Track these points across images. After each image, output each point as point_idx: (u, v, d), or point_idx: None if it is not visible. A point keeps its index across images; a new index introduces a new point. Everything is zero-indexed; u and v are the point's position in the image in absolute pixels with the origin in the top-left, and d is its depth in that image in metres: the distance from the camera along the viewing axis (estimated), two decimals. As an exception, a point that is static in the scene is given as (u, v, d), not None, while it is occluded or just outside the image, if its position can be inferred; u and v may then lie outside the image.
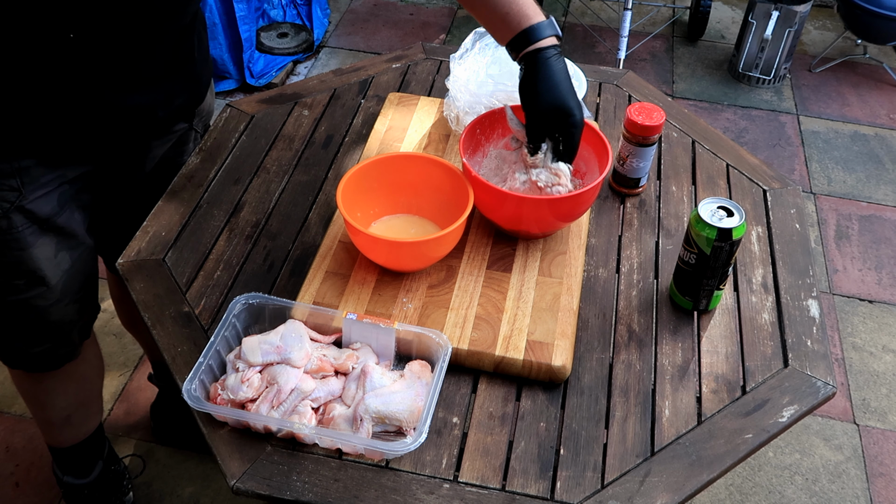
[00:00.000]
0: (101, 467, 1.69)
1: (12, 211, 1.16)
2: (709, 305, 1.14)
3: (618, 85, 1.57)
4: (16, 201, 1.16)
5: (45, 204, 1.19)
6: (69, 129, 1.15)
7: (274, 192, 1.31)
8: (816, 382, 1.06)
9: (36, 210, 1.19)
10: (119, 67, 1.12)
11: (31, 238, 1.20)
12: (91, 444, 1.64)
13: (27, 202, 1.17)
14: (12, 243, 1.19)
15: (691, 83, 3.11)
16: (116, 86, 1.14)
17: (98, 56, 1.08)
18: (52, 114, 1.12)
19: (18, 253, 1.20)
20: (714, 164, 1.40)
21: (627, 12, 2.78)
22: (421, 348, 1.04)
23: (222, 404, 0.97)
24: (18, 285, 1.24)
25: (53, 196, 1.20)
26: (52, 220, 1.22)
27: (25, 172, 1.15)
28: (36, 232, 1.20)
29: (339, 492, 0.93)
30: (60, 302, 1.30)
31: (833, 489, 1.88)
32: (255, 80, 2.94)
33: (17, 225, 1.18)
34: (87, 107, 1.14)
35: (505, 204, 1.13)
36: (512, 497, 0.93)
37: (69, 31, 1.02)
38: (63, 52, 1.05)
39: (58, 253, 1.25)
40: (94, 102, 1.14)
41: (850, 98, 3.07)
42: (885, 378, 2.12)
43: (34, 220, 1.19)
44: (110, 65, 1.11)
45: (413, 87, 1.55)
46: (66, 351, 1.41)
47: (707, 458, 0.98)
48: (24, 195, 1.16)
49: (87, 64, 1.08)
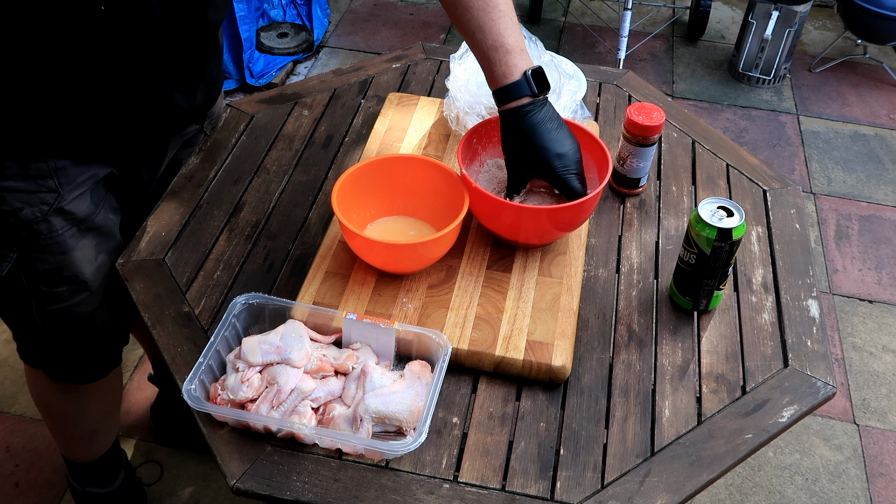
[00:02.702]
0: (124, 475, 1.69)
1: (52, 213, 1.14)
2: (709, 305, 1.14)
3: (618, 85, 1.57)
4: (55, 203, 1.13)
5: (81, 203, 1.17)
6: (95, 116, 1.13)
7: (274, 192, 1.31)
8: (816, 382, 1.06)
9: (75, 210, 1.16)
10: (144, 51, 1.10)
11: (71, 241, 1.18)
12: (113, 454, 1.64)
13: (66, 203, 1.15)
14: (54, 247, 1.17)
15: (691, 83, 3.11)
16: (140, 70, 1.12)
17: (124, 35, 1.06)
18: (79, 99, 1.10)
19: (60, 257, 1.18)
20: (714, 164, 1.40)
21: (627, 12, 2.78)
22: (421, 348, 1.04)
23: (222, 404, 0.98)
24: (61, 293, 1.21)
25: (87, 195, 1.18)
26: (91, 219, 1.19)
27: (62, 172, 1.13)
28: (76, 234, 1.18)
29: (339, 492, 0.93)
30: (103, 306, 1.28)
31: (833, 489, 1.88)
32: (255, 80, 2.94)
33: (58, 228, 1.15)
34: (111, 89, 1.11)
35: (503, 214, 1.12)
36: (512, 497, 0.93)
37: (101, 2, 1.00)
38: (93, 25, 1.02)
39: (97, 255, 1.22)
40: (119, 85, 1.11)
41: (850, 98, 3.07)
42: (885, 378, 2.12)
43: (74, 220, 1.17)
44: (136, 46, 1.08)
45: (413, 87, 1.55)
46: (110, 357, 1.39)
47: (707, 458, 0.98)
48: (63, 196, 1.14)
49: (113, 43, 1.06)
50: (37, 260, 1.17)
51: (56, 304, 1.23)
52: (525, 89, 1.07)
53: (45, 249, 1.16)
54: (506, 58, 1.07)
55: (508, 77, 1.07)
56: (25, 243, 1.15)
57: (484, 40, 1.08)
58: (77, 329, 1.28)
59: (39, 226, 1.14)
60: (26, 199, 1.12)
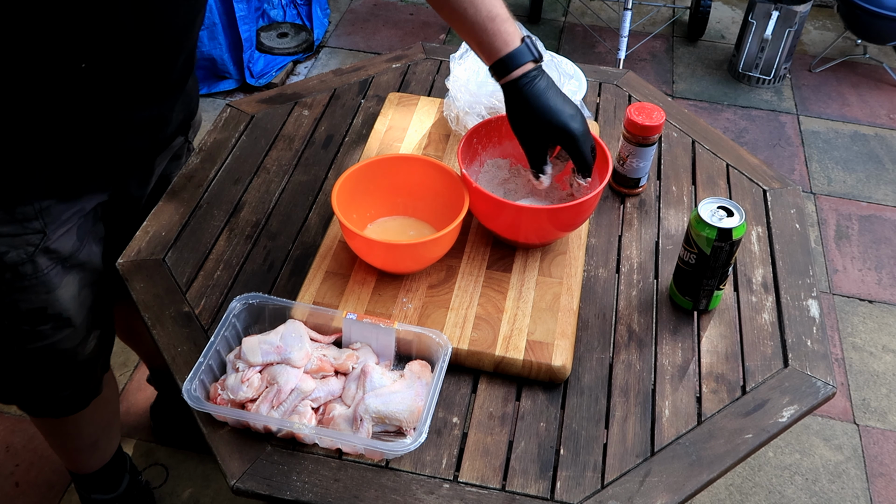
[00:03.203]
0: (129, 479, 1.69)
1: (37, 253, 1.13)
2: (709, 305, 1.14)
3: (618, 85, 1.57)
4: (40, 243, 1.13)
5: (67, 241, 1.17)
6: (83, 154, 1.12)
7: (274, 192, 1.31)
8: (816, 382, 1.06)
9: (60, 248, 1.16)
10: (127, 90, 1.10)
11: (56, 279, 1.17)
12: (116, 460, 1.64)
13: (51, 242, 1.14)
14: (39, 287, 1.16)
15: (691, 83, 3.11)
16: (124, 105, 1.12)
17: (107, 81, 1.06)
18: (65, 141, 1.09)
19: (45, 296, 1.17)
20: (714, 164, 1.40)
21: (627, 12, 2.78)
22: (421, 348, 1.04)
23: (222, 404, 0.97)
24: (44, 331, 1.21)
25: (73, 231, 1.17)
26: (75, 256, 1.19)
27: (47, 212, 1.12)
28: (60, 272, 1.17)
29: (339, 492, 0.93)
30: (86, 339, 1.28)
31: (833, 489, 1.88)
32: (255, 80, 2.94)
33: (43, 267, 1.15)
34: (97, 128, 1.11)
35: (503, 214, 1.12)
36: (512, 497, 0.93)
37: (81, 61, 1.00)
38: (75, 81, 1.02)
39: (81, 290, 1.22)
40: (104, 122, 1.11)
41: (850, 98, 3.07)
42: (885, 378, 2.12)
43: (58, 259, 1.16)
44: (119, 88, 1.09)
45: (413, 87, 1.55)
46: (92, 387, 1.39)
47: (707, 458, 0.98)
48: (48, 235, 1.13)
49: (96, 90, 1.06)
50: (20, 301, 1.16)
51: (39, 342, 1.22)
52: (528, 54, 1.06)
53: (28, 290, 1.16)
54: (503, 26, 1.05)
55: (510, 44, 1.05)
56: (9, 285, 1.14)
57: (478, 13, 1.05)
58: (59, 365, 1.28)
59: (24, 267, 1.13)
60: (11, 242, 1.11)
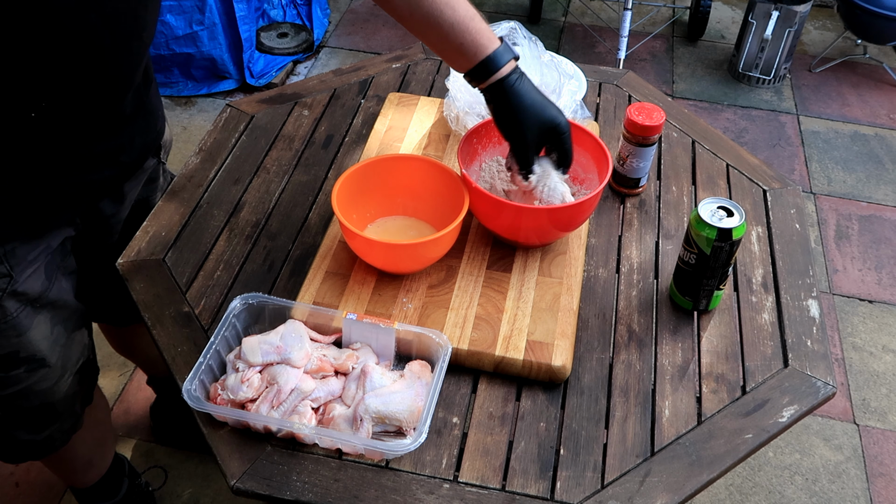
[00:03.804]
0: (127, 484, 1.68)
1: (5, 298, 1.09)
2: (709, 305, 1.14)
3: (618, 85, 1.57)
4: (7, 287, 1.09)
5: (34, 281, 1.12)
6: (44, 193, 1.08)
7: (274, 192, 1.31)
8: (816, 382, 1.06)
9: (28, 290, 1.12)
10: (79, 128, 1.05)
11: (26, 321, 1.13)
12: (112, 470, 1.62)
13: (19, 285, 1.10)
14: (9, 332, 1.12)
15: (691, 83, 3.11)
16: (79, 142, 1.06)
17: (59, 124, 1.01)
18: (24, 183, 1.05)
19: (16, 340, 1.13)
20: (714, 164, 1.40)
21: (627, 12, 2.78)
22: (421, 348, 1.04)
23: (222, 404, 0.97)
24: (17, 375, 1.16)
25: (41, 271, 1.13)
26: (45, 295, 1.15)
27: (11, 254, 1.08)
28: (30, 313, 1.13)
29: (339, 492, 0.93)
30: (62, 378, 1.24)
31: (833, 489, 1.88)
32: (255, 80, 2.94)
33: (12, 311, 1.11)
34: (54, 166, 1.06)
35: (503, 214, 1.12)
36: (512, 497, 0.93)
37: (31, 110, 0.96)
38: (26, 128, 0.98)
39: (53, 328, 1.18)
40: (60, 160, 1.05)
41: (850, 98, 3.07)
42: (885, 378, 2.12)
43: (27, 301, 1.12)
44: (71, 128, 1.03)
45: (413, 87, 1.55)
46: (70, 425, 1.33)
47: (707, 458, 0.98)
48: (14, 278, 1.09)
49: (49, 133, 1.01)
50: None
51: (13, 388, 1.18)
52: (510, 52, 1.05)
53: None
54: (482, 24, 1.04)
55: (493, 41, 1.04)
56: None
57: (456, 13, 1.03)
58: (36, 407, 1.23)
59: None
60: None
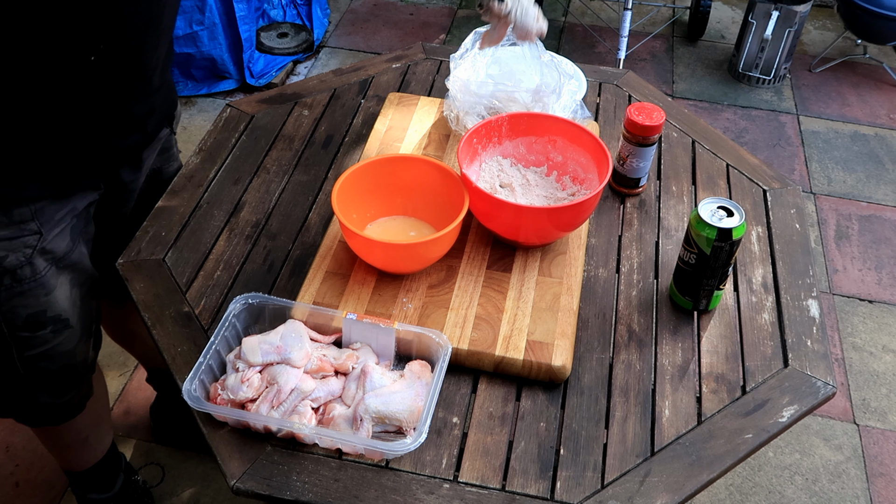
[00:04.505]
0: (123, 479, 1.68)
1: (34, 255, 1.13)
2: (709, 305, 1.14)
3: (618, 85, 1.57)
4: (37, 244, 1.13)
5: (61, 240, 1.17)
6: (79, 151, 1.13)
7: (274, 192, 1.31)
8: (816, 382, 1.06)
9: (55, 248, 1.16)
10: (125, 82, 1.11)
11: (52, 280, 1.17)
12: (109, 459, 1.63)
13: (47, 242, 1.14)
14: (38, 290, 1.16)
15: (691, 83, 3.11)
16: (122, 98, 1.12)
17: (110, 74, 1.07)
18: (63, 138, 1.10)
19: (44, 299, 1.17)
20: (714, 164, 1.40)
21: (627, 12, 2.78)
22: (421, 348, 1.04)
23: (222, 404, 0.97)
24: (44, 336, 1.20)
25: (66, 231, 1.17)
26: (68, 256, 1.19)
27: (41, 212, 1.12)
28: (55, 273, 1.18)
29: (339, 492, 0.93)
30: (81, 340, 1.27)
31: (833, 489, 1.88)
32: (255, 80, 2.94)
33: (40, 269, 1.15)
34: (95, 123, 1.11)
35: (503, 213, 1.13)
36: (512, 497, 0.93)
37: (90, 53, 1.01)
38: (82, 74, 1.03)
39: (72, 290, 1.22)
40: (102, 117, 1.12)
41: (850, 98, 3.07)
42: (885, 378, 2.12)
43: (53, 260, 1.16)
44: (118, 81, 1.09)
45: (413, 87, 1.55)
46: (86, 390, 1.39)
47: (707, 458, 0.98)
48: (44, 236, 1.13)
49: (100, 83, 1.06)
50: (20, 306, 1.16)
51: (38, 348, 1.21)
52: None
53: (27, 294, 1.15)
54: None
55: None
56: (8, 290, 1.14)
57: None
58: (58, 369, 1.27)
59: (23, 270, 1.13)
60: (9, 245, 1.11)
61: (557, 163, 1.25)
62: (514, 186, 1.22)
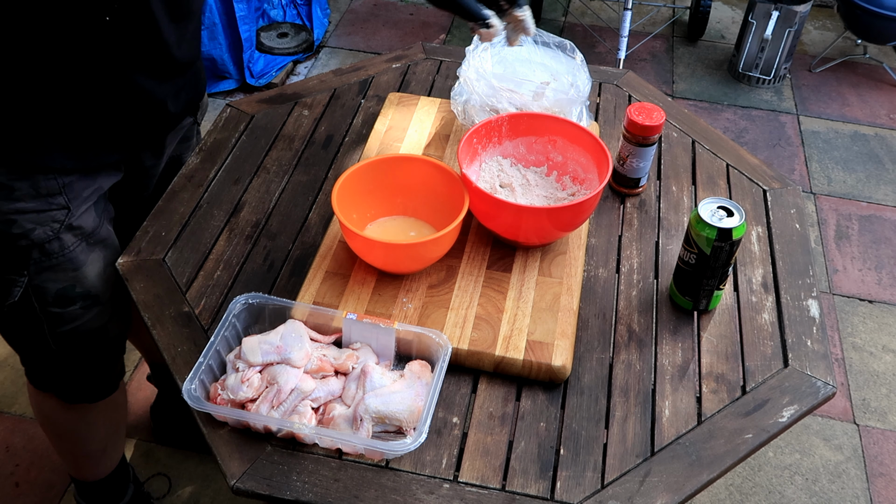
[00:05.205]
0: (133, 490, 1.68)
1: (62, 230, 1.14)
2: (709, 305, 1.14)
3: (618, 85, 1.57)
4: (65, 220, 1.14)
5: (88, 217, 1.18)
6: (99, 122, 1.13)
7: (274, 192, 1.31)
8: (816, 382, 1.06)
9: (84, 224, 1.17)
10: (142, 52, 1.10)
11: (82, 256, 1.18)
12: (121, 469, 1.63)
13: (75, 219, 1.15)
14: (66, 265, 1.17)
15: (691, 83, 3.11)
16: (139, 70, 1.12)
17: (125, 40, 1.07)
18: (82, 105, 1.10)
19: (73, 274, 1.18)
20: (714, 164, 1.40)
21: (627, 12, 2.78)
22: (421, 348, 1.04)
23: (222, 404, 0.97)
24: (74, 312, 1.21)
25: (93, 209, 1.18)
26: (97, 232, 1.20)
27: (70, 188, 1.13)
28: (85, 248, 1.18)
29: (339, 492, 0.93)
30: (113, 318, 1.29)
31: (833, 489, 1.88)
32: (255, 80, 2.94)
33: (69, 244, 1.16)
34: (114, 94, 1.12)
35: (503, 213, 1.13)
36: (512, 497, 0.93)
37: (105, 13, 1.01)
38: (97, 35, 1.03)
39: (105, 268, 1.23)
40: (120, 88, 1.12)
41: (850, 98, 3.07)
42: (885, 378, 2.12)
43: (82, 235, 1.17)
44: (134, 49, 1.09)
45: (413, 87, 1.55)
46: (119, 369, 1.40)
47: (707, 458, 0.98)
48: (72, 211, 1.14)
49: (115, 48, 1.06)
50: (49, 280, 1.17)
51: (69, 324, 1.22)
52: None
53: (57, 269, 1.17)
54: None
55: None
56: (37, 264, 1.15)
57: None
58: (91, 345, 1.28)
59: (51, 245, 1.14)
60: (37, 218, 1.12)
61: (557, 163, 1.25)
62: (514, 186, 1.22)
